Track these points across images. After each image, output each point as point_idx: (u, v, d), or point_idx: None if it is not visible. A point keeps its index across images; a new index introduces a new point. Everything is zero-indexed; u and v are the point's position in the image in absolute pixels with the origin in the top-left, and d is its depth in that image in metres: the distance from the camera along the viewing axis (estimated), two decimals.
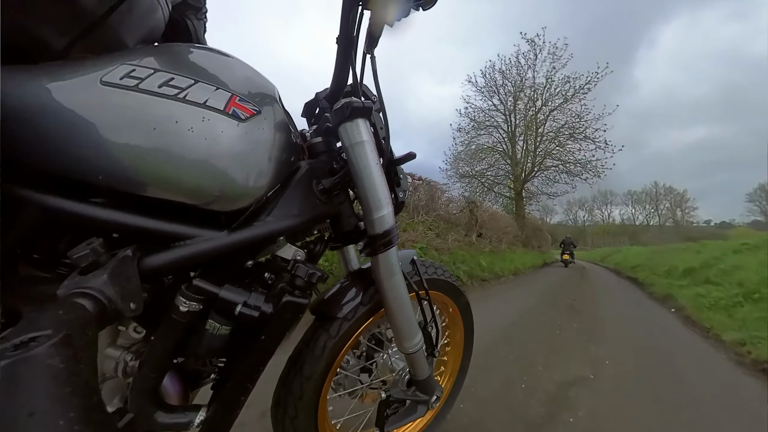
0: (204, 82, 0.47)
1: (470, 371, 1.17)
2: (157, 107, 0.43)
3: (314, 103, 0.78)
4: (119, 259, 0.41)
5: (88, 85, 0.42)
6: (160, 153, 0.43)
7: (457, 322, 1.08)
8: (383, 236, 0.66)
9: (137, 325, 0.54)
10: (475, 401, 1.46)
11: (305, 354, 0.72)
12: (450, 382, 1.13)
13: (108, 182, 0.42)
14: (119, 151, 0.41)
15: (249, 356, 0.56)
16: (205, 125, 0.45)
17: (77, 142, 0.40)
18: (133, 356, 0.53)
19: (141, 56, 0.46)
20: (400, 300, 0.71)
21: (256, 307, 0.52)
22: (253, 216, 0.54)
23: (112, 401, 0.55)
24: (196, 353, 0.53)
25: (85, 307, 0.35)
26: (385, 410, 0.81)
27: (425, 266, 0.91)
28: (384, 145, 0.73)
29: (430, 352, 0.84)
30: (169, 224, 0.47)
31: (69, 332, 0.30)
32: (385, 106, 0.73)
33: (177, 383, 0.55)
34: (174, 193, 0.46)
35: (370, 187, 0.64)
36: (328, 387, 0.77)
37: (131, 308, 0.41)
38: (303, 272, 0.57)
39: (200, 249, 0.48)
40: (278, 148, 0.54)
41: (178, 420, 0.52)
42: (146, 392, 0.50)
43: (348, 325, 0.73)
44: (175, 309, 0.49)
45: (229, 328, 0.53)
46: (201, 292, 0.50)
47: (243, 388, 0.57)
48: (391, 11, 0.54)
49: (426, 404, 0.85)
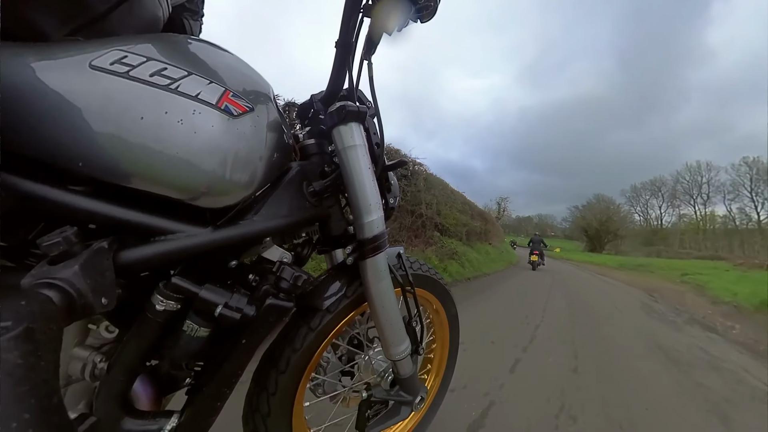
0: (198, 74, 0.46)
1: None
2: (146, 96, 0.42)
3: (309, 104, 0.78)
4: (93, 251, 0.39)
5: (75, 68, 0.40)
6: (146, 144, 0.42)
7: (443, 320, 1.07)
8: (372, 241, 0.65)
9: (109, 323, 0.51)
10: None
11: (283, 347, 0.69)
12: (436, 383, 1.10)
13: (88, 170, 0.40)
14: (103, 139, 0.40)
15: (228, 360, 0.53)
16: (196, 118, 0.44)
17: (59, 126, 0.39)
18: (103, 357, 0.50)
19: (135, 43, 0.45)
20: (388, 305, 0.70)
21: (238, 309, 0.50)
22: (239, 214, 0.53)
23: (76, 407, 0.51)
24: (171, 356, 0.51)
25: (51, 299, 0.33)
26: (366, 411, 0.78)
27: (410, 262, 0.90)
28: (377, 151, 0.73)
29: (415, 349, 0.81)
30: (150, 217, 0.45)
31: (31, 325, 0.28)
32: (380, 112, 0.73)
33: (149, 387, 0.52)
34: (158, 186, 0.44)
35: (361, 192, 0.64)
36: (305, 384, 0.74)
37: (102, 303, 0.38)
38: (288, 275, 0.56)
39: (182, 245, 0.46)
40: (269, 147, 0.54)
41: (146, 427, 0.49)
42: (114, 396, 0.47)
43: (329, 317, 0.70)
44: (151, 307, 0.47)
45: (207, 330, 0.51)
46: (180, 291, 0.48)
47: (220, 393, 0.54)
48: (391, 21, 0.56)
49: (410, 405, 0.82)
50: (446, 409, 1.16)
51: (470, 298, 4.18)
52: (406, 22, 0.58)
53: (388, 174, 0.81)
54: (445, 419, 1.27)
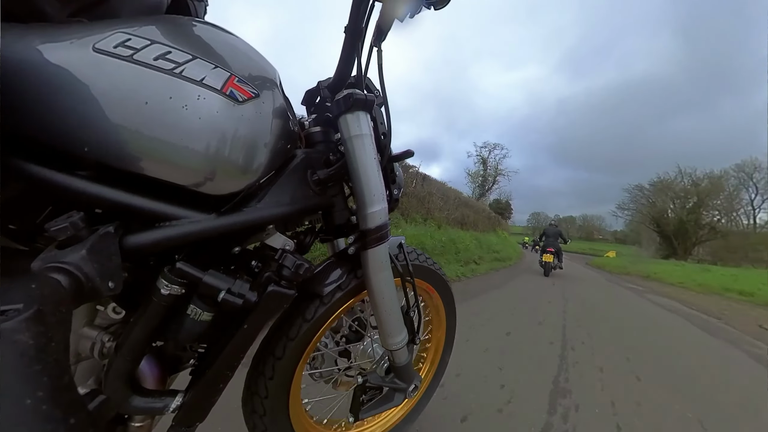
0: (202, 58, 0.45)
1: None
2: (150, 81, 0.41)
3: (315, 91, 0.77)
4: (100, 235, 0.40)
5: (79, 51, 0.40)
6: (150, 129, 0.41)
7: (440, 311, 1.08)
8: (375, 231, 0.65)
9: (116, 305, 0.53)
10: None
11: (280, 334, 0.71)
12: (430, 373, 1.13)
13: (94, 155, 0.40)
14: (107, 124, 0.40)
15: (230, 343, 0.55)
16: (200, 104, 0.44)
17: (63, 111, 0.38)
18: (111, 337, 0.51)
19: (139, 25, 0.44)
20: (388, 296, 0.70)
21: (240, 294, 0.51)
22: (243, 201, 0.53)
23: (86, 382, 0.53)
24: (175, 338, 0.52)
25: (60, 282, 0.34)
26: (360, 396, 0.80)
27: (413, 253, 0.91)
28: (383, 141, 0.72)
29: (411, 339, 0.83)
30: (155, 203, 0.46)
31: (41, 308, 0.29)
32: (388, 101, 0.72)
33: (155, 367, 0.54)
34: (162, 172, 0.44)
35: (365, 182, 0.64)
36: (303, 367, 0.76)
37: (109, 287, 0.39)
38: (290, 262, 0.56)
39: (186, 231, 0.47)
40: (274, 134, 0.53)
41: (153, 404, 0.51)
42: (122, 375, 0.49)
43: (328, 304, 0.72)
44: (156, 291, 0.48)
45: (211, 315, 0.52)
46: (184, 276, 0.48)
47: (222, 375, 0.56)
48: (403, 6, 0.54)
49: (404, 393, 0.84)
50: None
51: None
52: (419, 9, 0.56)
53: (394, 165, 0.81)
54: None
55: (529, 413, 1.44)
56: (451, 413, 1.36)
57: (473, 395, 1.53)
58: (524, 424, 1.36)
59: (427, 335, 1.13)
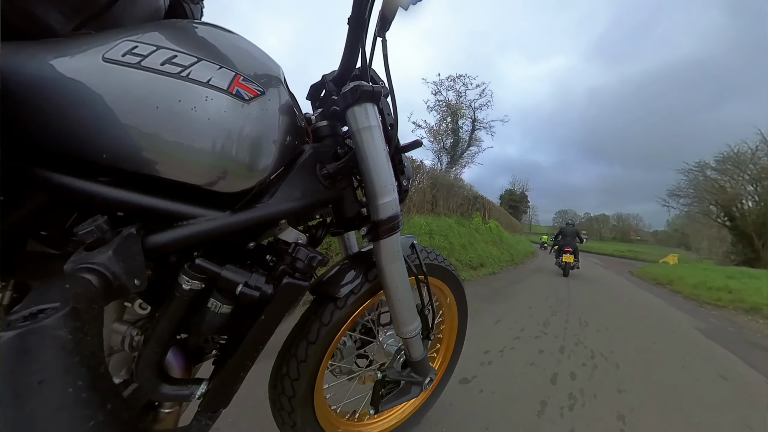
0: (208, 60, 0.46)
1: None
2: (159, 85, 0.43)
3: (320, 85, 0.77)
4: (123, 237, 0.42)
5: (90, 62, 0.41)
6: (162, 133, 0.43)
7: (452, 308, 1.10)
8: (387, 222, 0.66)
9: (142, 301, 0.56)
10: None
11: (300, 338, 0.74)
12: (443, 365, 1.16)
13: (112, 161, 0.42)
14: (122, 131, 0.41)
15: (249, 335, 0.57)
16: (208, 105, 0.45)
17: (80, 121, 0.40)
18: (139, 331, 0.54)
19: (143, 32, 0.45)
20: (401, 286, 0.72)
21: (257, 287, 0.53)
22: (255, 198, 0.54)
23: (119, 373, 0.57)
24: (198, 330, 0.55)
25: (91, 282, 0.36)
26: (380, 390, 0.84)
27: (424, 252, 0.92)
28: (391, 132, 0.72)
29: (426, 335, 0.85)
30: (172, 203, 0.48)
31: (76, 305, 0.31)
32: (395, 91, 0.71)
33: (180, 358, 0.57)
34: (177, 173, 0.46)
35: (375, 173, 0.64)
36: (325, 366, 0.80)
37: (135, 284, 0.42)
38: (303, 255, 0.58)
39: (203, 229, 0.49)
40: (282, 130, 0.54)
41: (180, 392, 0.55)
42: (151, 365, 0.52)
43: (346, 305, 0.74)
44: (178, 287, 0.50)
45: (230, 307, 0.54)
46: (203, 272, 0.51)
47: (243, 365, 0.59)
48: None
49: (420, 385, 0.87)
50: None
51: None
52: None
53: (402, 155, 0.80)
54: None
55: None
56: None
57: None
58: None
59: (439, 334, 1.16)
